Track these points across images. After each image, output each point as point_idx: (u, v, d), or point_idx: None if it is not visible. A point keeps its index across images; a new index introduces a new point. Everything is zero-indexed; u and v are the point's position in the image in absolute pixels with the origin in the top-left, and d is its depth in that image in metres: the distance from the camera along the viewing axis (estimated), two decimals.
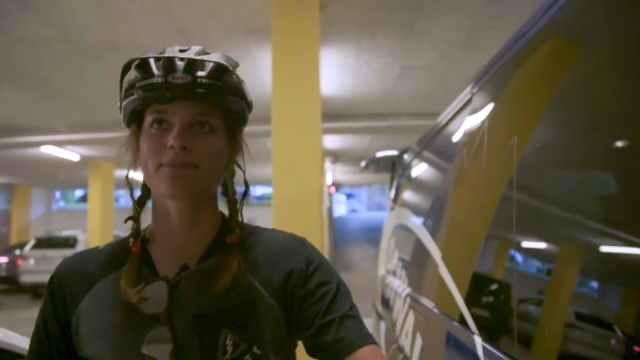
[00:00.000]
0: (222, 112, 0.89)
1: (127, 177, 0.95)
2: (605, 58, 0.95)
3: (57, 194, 22.71)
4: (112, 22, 4.77)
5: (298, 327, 0.90)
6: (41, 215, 20.67)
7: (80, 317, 0.90)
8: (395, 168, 3.96)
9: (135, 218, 0.96)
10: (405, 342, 2.03)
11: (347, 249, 18.02)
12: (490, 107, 1.53)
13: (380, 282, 3.16)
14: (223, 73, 0.86)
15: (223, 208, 1.00)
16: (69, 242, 12.68)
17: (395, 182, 3.56)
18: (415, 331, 1.86)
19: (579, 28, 1.07)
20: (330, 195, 15.64)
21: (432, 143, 2.36)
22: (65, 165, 12.49)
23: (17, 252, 13.83)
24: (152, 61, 0.85)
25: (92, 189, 12.37)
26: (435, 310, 1.64)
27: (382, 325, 2.82)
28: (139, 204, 0.97)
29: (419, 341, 1.77)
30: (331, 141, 10.66)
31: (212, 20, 4.81)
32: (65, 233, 13.53)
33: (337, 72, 6.35)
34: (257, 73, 6.19)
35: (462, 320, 1.36)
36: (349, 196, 30.63)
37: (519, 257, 1.21)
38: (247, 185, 1.00)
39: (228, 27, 4.99)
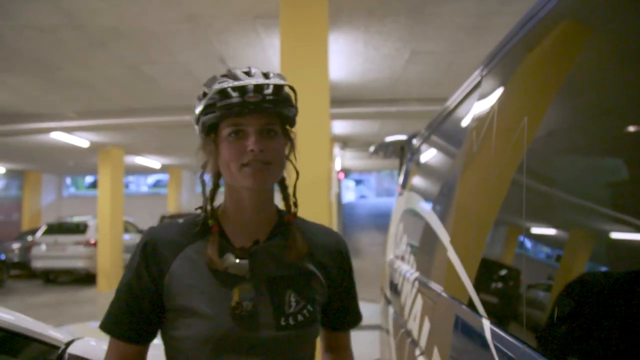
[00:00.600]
0: (280, 119, 1.16)
1: (201, 175, 1.21)
2: (616, 40, 0.94)
3: (68, 180, 22.88)
4: (119, 7, 4.76)
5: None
6: (52, 202, 20.85)
7: (173, 276, 1.15)
8: (404, 153, 3.95)
9: (206, 207, 1.21)
10: (413, 326, 2.04)
11: (355, 235, 18.04)
12: (500, 90, 1.52)
13: (389, 267, 3.17)
14: (282, 89, 1.14)
15: None
16: (80, 228, 12.80)
17: (404, 167, 3.55)
18: (424, 315, 1.86)
19: (589, 10, 1.05)
20: (339, 181, 15.64)
21: (441, 127, 2.35)
22: (75, 151, 12.57)
23: (29, 238, 14.00)
24: (229, 89, 1.10)
25: (102, 175, 12.42)
26: (444, 295, 1.65)
27: (391, 310, 2.83)
28: (211, 194, 1.22)
29: (427, 325, 1.78)
30: (340, 127, 10.64)
31: (220, 6, 4.79)
32: (76, 219, 13.65)
33: (345, 57, 6.31)
34: (266, 58, 6.17)
35: (471, 304, 1.36)
36: (358, 182, 30.62)
37: (528, 242, 1.21)
38: (297, 173, 1.26)
39: (236, 13, 4.97)
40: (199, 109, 1.16)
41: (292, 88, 1.17)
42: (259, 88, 1.10)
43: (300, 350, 1.19)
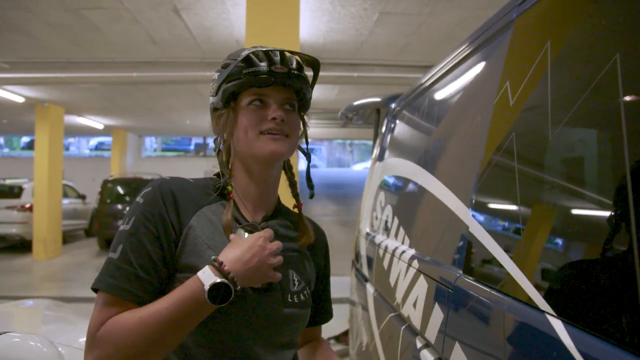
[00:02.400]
0: (299, 98, 1.19)
1: (218, 145, 1.20)
2: None
3: (1, 140, 21.45)
4: None
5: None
6: None
7: (189, 231, 1.08)
8: (379, 117, 3.62)
9: (224, 174, 1.18)
10: (411, 312, 1.74)
11: (306, 205, 17.79)
12: (553, 26, 1.20)
13: (366, 241, 2.86)
14: (303, 68, 1.17)
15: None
16: (14, 192, 11.93)
17: (382, 132, 3.22)
18: (430, 302, 1.56)
19: None
20: None
21: (445, 80, 2.03)
22: (8, 107, 11.59)
23: None
24: (252, 55, 1.11)
25: (40, 134, 11.46)
26: (467, 280, 1.34)
27: (370, 289, 2.54)
28: (226, 164, 1.21)
29: (438, 315, 1.47)
30: None
31: None
32: (9, 182, 12.67)
33: (310, 15, 5.88)
34: (225, 10, 5.67)
35: (521, 295, 1.05)
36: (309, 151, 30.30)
37: (602, 211, 0.91)
38: (309, 156, 1.29)
39: None
40: (221, 78, 1.15)
41: (315, 65, 1.19)
42: (286, 60, 1.12)
43: (297, 331, 1.20)
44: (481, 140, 1.44)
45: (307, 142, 1.28)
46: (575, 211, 1.03)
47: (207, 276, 0.97)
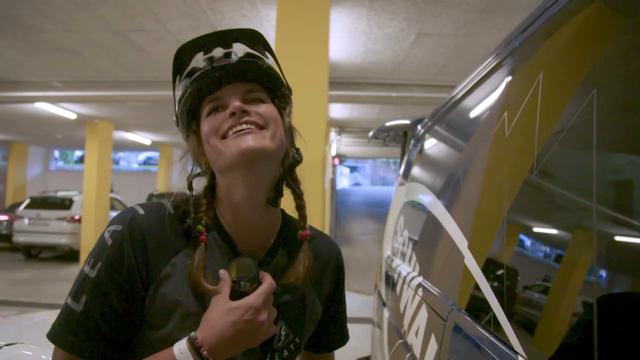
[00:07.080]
0: (267, 89, 0.99)
1: (190, 183, 1.04)
2: None
3: (56, 153, 22.42)
4: None
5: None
6: (38, 175, 20.40)
7: (161, 284, 0.90)
8: (406, 139, 3.62)
9: (191, 212, 0.99)
10: (414, 341, 1.72)
11: (348, 223, 17.77)
12: (548, 57, 1.19)
13: (386, 264, 2.85)
14: (261, 53, 1.02)
15: None
16: (65, 203, 12.42)
17: (407, 155, 3.21)
18: (429, 332, 1.54)
19: None
20: (333, 167, 15.31)
21: (456, 109, 2.01)
22: (62, 123, 12.16)
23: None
24: (194, 64, 0.96)
25: (89, 149, 11.99)
26: (458, 312, 1.33)
27: (386, 313, 2.52)
28: (211, 190, 1.03)
29: (433, 346, 1.46)
30: (337, 110, 10.28)
31: None
32: (61, 194, 13.21)
33: (346, 35, 5.94)
34: (263, 32, 5.79)
35: (500, 334, 1.04)
36: (353, 169, 30.32)
37: (593, 251, 0.89)
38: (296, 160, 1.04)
39: None
40: (176, 105, 0.99)
41: (271, 52, 1.04)
42: (229, 52, 0.96)
43: None
44: (479, 177, 1.43)
45: (294, 146, 1.07)
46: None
47: (185, 358, 0.85)
